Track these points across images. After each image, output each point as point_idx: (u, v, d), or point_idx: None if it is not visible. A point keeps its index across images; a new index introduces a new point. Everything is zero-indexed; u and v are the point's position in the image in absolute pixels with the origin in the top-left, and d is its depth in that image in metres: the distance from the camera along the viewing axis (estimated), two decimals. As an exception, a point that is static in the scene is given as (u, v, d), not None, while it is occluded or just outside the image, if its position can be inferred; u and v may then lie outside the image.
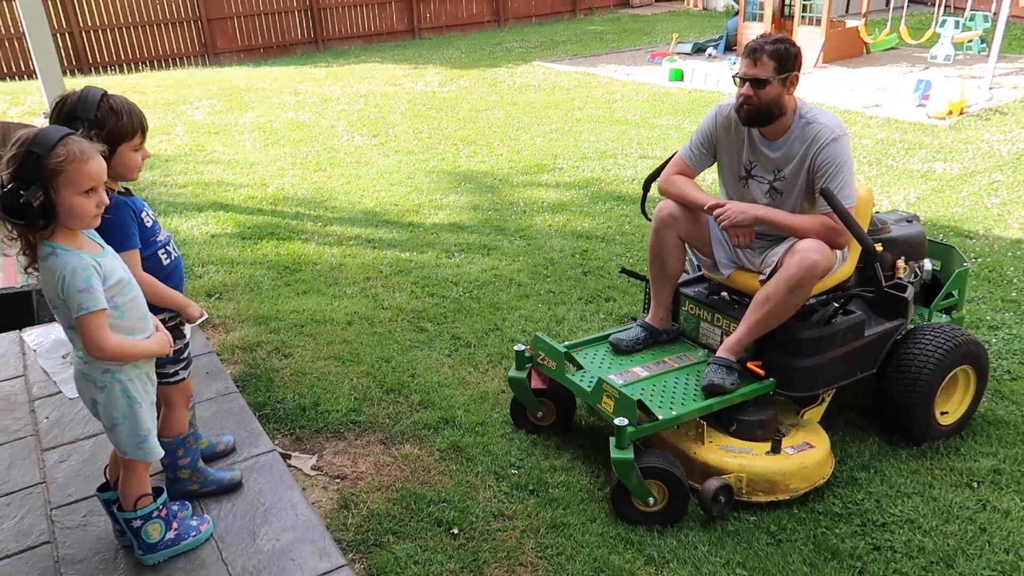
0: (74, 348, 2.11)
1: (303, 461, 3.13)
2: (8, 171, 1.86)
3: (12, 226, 1.90)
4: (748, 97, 2.94)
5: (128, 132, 2.22)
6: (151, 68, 13.44)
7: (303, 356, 3.89)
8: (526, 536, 2.72)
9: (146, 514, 2.22)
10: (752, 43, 2.96)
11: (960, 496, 2.88)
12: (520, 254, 5.17)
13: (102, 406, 2.11)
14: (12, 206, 1.84)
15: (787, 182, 3.03)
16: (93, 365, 2.07)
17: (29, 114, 8.82)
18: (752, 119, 3.00)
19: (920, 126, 8.05)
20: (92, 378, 2.08)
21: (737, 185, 3.18)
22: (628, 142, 7.84)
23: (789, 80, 2.94)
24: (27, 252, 1.97)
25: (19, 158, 1.85)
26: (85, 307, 1.94)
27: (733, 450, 2.88)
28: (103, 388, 2.08)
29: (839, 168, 2.89)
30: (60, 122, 2.15)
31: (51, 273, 1.94)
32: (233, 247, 5.34)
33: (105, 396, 2.09)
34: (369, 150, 7.84)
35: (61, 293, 1.94)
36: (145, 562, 2.26)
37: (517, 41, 14.90)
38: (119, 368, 2.09)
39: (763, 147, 3.06)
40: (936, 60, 11.10)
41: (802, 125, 2.99)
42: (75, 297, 1.93)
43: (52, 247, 1.95)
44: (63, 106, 2.18)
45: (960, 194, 6.09)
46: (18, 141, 1.88)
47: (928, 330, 3.14)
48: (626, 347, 3.29)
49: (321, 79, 11.78)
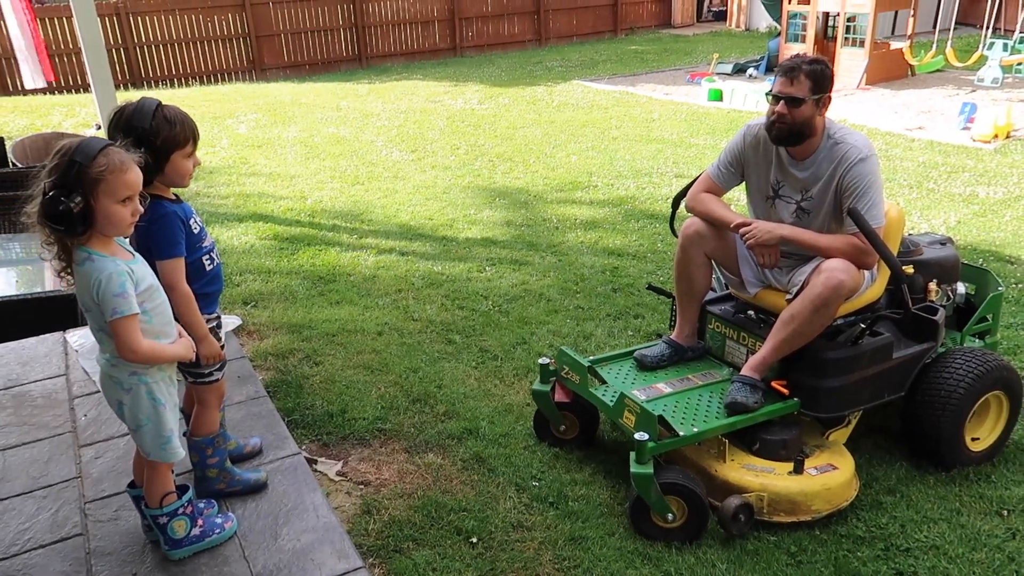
0: (101, 350, 2.17)
1: (328, 466, 3.19)
2: (51, 179, 1.94)
3: (50, 232, 1.98)
4: (781, 115, 2.94)
5: (181, 140, 2.32)
6: (200, 83, 13.85)
7: (333, 364, 3.97)
8: (544, 548, 2.74)
9: (172, 511, 2.29)
10: (788, 62, 2.97)
11: (989, 524, 2.82)
12: (551, 270, 5.20)
13: (128, 407, 2.16)
14: (53, 212, 1.92)
15: (814, 202, 3.02)
16: (120, 368, 2.12)
17: (83, 126, 9.14)
18: (783, 138, 2.99)
19: (964, 149, 7.91)
20: (119, 380, 2.14)
21: (764, 205, 3.18)
22: (664, 161, 7.84)
23: (822, 101, 2.94)
24: (61, 257, 2.03)
25: (62, 167, 1.93)
26: (119, 311, 2.01)
27: (755, 469, 2.86)
28: (129, 390, 2.14)
29: (867, 188, 2.88)
30: (118, 130, 2.26)
31: (87, 277, 2.01)
32: (271, 257, 5.46)
33: (131, 398, 2.15)
34: (407, 165, 7.97)
35: (96, 297, 2.00)
36: (171, 557, 2.33)
37: (557, 60, 15.02)
38: (145, 371, 2.15)
39: (791, 167, 3.06)
40: (983, 83, 10.91)
41: (830, 145, 2.98)
42: (110, 301, 2.00)
43: (88, 253, 2.02)
44: (120, 115, 2.28)
45: (1003, 218, 5.97)
46: (61, 151, 1.96)
47: (959, 354, 3.09)
48: (651, 363, 3.29)
49: (363, 95, 12.00)
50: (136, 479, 2.39)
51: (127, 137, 2.20)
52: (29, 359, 3.62)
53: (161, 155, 2.27)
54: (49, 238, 1.99)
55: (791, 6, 12.18)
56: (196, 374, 2.50)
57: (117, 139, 2.19)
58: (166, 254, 2.31)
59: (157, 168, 2.27)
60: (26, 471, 2.81)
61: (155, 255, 2.30)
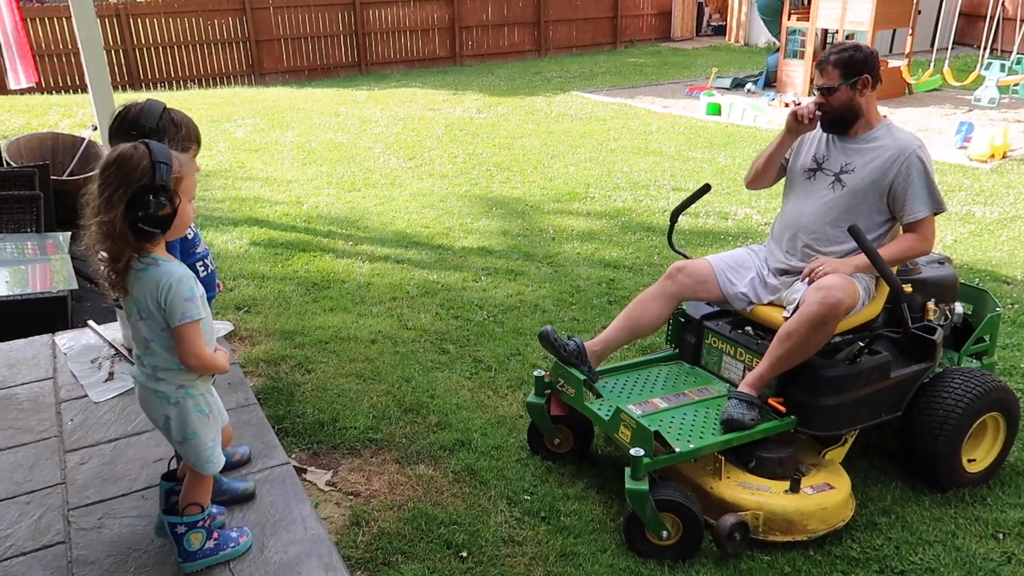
0: (143, 362, 2.10)
1: (318, 476, 3.15)
2: (141, 183, 1.89)
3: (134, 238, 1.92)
4: (820, 105, 3.08)
5: (185, 144, 2.32)
6: (199, 86, 13.83)
7: (325, 372, 3.93)
8: (535, 563, 2.70)
9: (191, 522, 2.23)
10: (821, 55, 3.13)
11: (984, 547, 2.79)
12: (547, 281, 5.17)
13: (175, 421, 2.11)
14: (150, 216, 1.90)
15: (854, 176, 3.04)
16: (168, 381, 2.07)
17: (79, 126, 9.10)
18: (829, 125, 3.12)
19: (961, 168, 7.93)
20: (165, 394, 2.08)
21: (803, 182, 3.20)
22: (661, 174, 7.84)
23: (859, 83, 3.03)
24: (118, 269, 1.96)
25: (147, 170, 1.90)
26: (189, 315, 1.97)
27: (751, 487, 2.83)
28: (176, 404, 2.09)
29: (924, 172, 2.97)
30: (123, 129, 2.24)
31: (153, 282, 1.96)
32: (265, 262, 5.43)
33: (178, 411, 2.10)
34: (404, 172, 7.95)
35: (163, 302, 1.96)
36: (184, 569, 2.27)
37: (557, 71, 15.05)
38: (192, 383, 2.10)
39: (841, 142, 3.14)
40: (980, 103, 10.96)
41: (887, 130, 3.09)
42: (180, 306, 1.96)
43: (154, 258, 1.99)
44: (127, 115, 2.27)
45: (999, 238, 5.97)
46: (134, 155, 1.90)
47: (957, 374, 3.07)
48: (556, 340, 3.13)
49: (362, 102, 11.99)
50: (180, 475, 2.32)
51: (132, 136, 2.16)
52: (16, 361, 3.56)
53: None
54: (116, 247, 1.92)
55: (790, 22, 12.24)
56: None
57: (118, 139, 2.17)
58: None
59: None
60: (9, 476, 2.75)
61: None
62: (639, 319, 3.26)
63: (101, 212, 1.91)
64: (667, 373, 3.37)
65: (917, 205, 2.96)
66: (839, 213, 3.05)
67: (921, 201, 2.96)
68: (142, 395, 2.13)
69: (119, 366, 3.49)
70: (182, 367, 2.06)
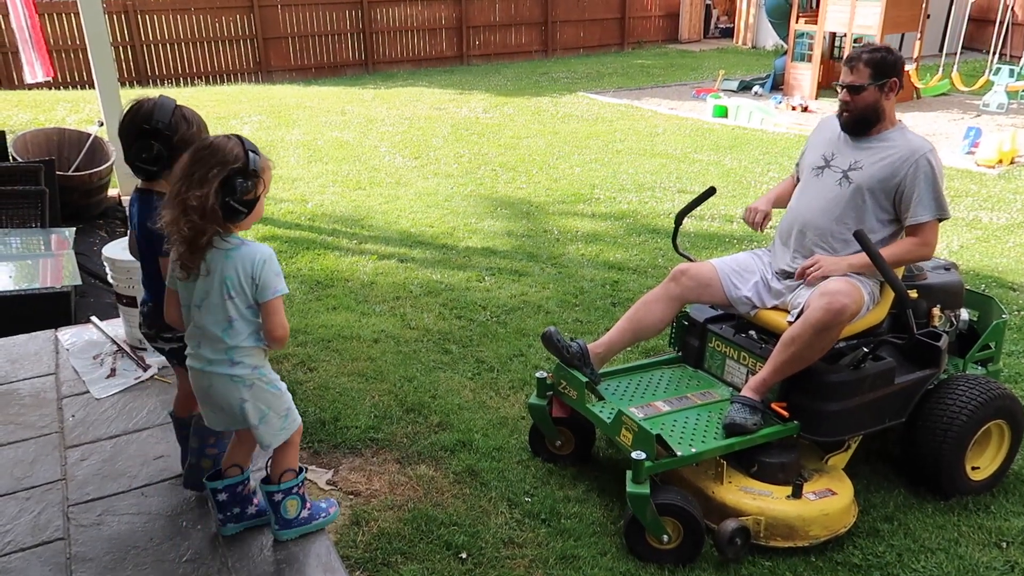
0: (217, 346, 2.16)
1: (318, 475, 3.14)
2: (235, 165, 2.04)
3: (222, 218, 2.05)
4: (845, 103, 3.07)
5: (196, 141, 2.32)
6: (206, 82, 13.84)
7: (327, 371, 3.92)
8: (535, 566, 2.69)
9: (288, 488, 2.29)
10: (852, 52, 3.12)
11: (987, 556, 2.77)
12: (550, 282, 5.16)
13: (250, 404, 2.20)
14: (240, 198, 2.05)
15: (862, 173, 3.03)
16: (244, 364, 2.17)
17: (86, 122, 9.11)
18: (851, 125, 3.12)
19: (968, 174, 7.89)
20: (241, 378, 2.17)
21: (811, 180, 3.19)
22: (667, 176, 7.82)
23: (887, 86, 3.03)
24: (199, 245, 2.06)
25: (241, 158, 2.05)
26: (280, 289, 2.10)
27: (752, 492, 2.81)
28: (251, 386, 2.18)
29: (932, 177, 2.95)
30: (135, 125, 2.28)
31: (247, 259, 2.09)
32: (269, 260, 5.42)
33: (253, 393, 2.19)
34: (409, 171, 7.94)
35: (256, 278, 2.09)
36: (280, 537, 2.33)
37: (564, 71, 15.03)
38: (264, 364, 2.21)
39: (852, 141, 3.13)
40: (988, 108, 10.91)
41: (900, 132, 3.08)
42: (272, 280, 2.10)
43: (240, 239, 2.13)
44: (139, 110, 2.30)
45: (1006, 244, 5.94)
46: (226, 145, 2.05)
47: (961, 381, 3.05)
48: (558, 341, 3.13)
49: (368, 100, 12.00)
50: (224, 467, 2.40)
51: (144, 132, 2.24)
52: (19, 356, 3.57)
53: (175, 153, 2.28)
54: (202, 223, 2.03)
55: (798, 25, 12.20)
56: None
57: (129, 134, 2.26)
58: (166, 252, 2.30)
59: (167, 165, 2.29)
60: (10, 471, 2.76)
61: (158, 250, 2.32)
62: (642, 321, 3.25)
63: (193, 187, 2.02)
64: (670, 376, 3.36)
65: (921, 208, 2.94)
66: (845, 210, 3.03)
67: (925, 205, 2.94)
68: (212, 383, 2.19)
69: (121, 362, 3.50)
70: (259, 345, 2.17)
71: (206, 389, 2.22)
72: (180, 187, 2.05)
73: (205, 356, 2.17)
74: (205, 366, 2.18)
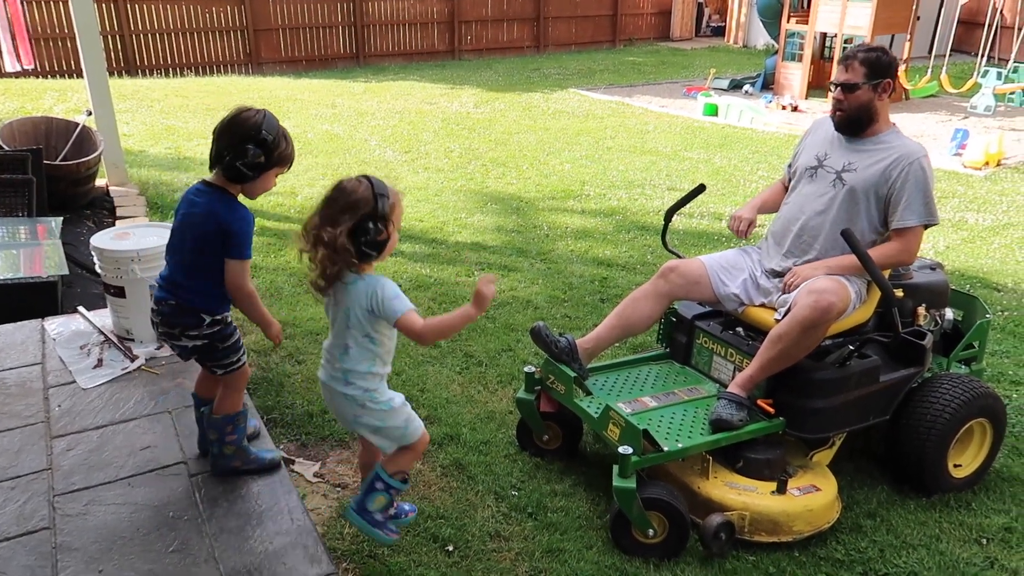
0: (334, 366, 2.30)
1: (306, 467, 3.14)
2: (365, 211, 2.16)
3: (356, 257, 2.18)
4: (839, 101, 3.07)
5: (287, 160, 2.47)
6: (196, 73, 13.75)
7: (316, 364, 3.90)
8: (521, 559, 2.70)
9: (389, 484, 2.37)
10: (847, 51, 3.12)
11: (968, 552, 2.81)
12: (540, 277, 5.17)
13: (363, 418, 2.32)
14: (372, 241, 2.17)
15: (855, 176, 3.04)
16: (356, 385, 2.28)
17: (74, 111, 9.04)
18: (844, 124, 3.12)
19: (955, 175, 7.96)
20: (353, 397, 2.30)
21: (806, 181, 3.21)
22: (657, 173, 7.84)
23: (881, 86, 3.03)
24: (329, 275, 2.22)
25: (371, 202, 2.17)
26: (400, 309, 2.21)
27: (738, 487, 2.84)
28: (362, 405, 2.30)
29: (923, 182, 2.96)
30: (244, 130, 2.35)
31: (362, 293, 2.22)
32: (257, 253, 5.40)
33: (365, 410, 2.31)
34: (399, 165, 7.93)
35: (377, 306, 2.21)
36: (348, 517, 2.43)
37: (555, 67, 15.03)
38: (376, 388, 2.31)
39: (846, 142, 3.14)
40: (976, 110, 11.00)
41: (894, 135, 3.09)
42: (391, 303, 2.20)
43: (359, 275, 2.25)
44: (250, 117, 2.37)
45: (991, 246, 6.00)
46: (357, 190, 2.18)
47: (945, 380, 3.08)
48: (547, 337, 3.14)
49: (359, 94, 11.96)
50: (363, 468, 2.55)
51: (250, 139, 2.33)
52: (5, 346, 3.54)
53: (267, 166, 2.40)
54: (333, 257, 2.18)
55: (789, 25, 12.25)
56: (225, 365, 2.58)
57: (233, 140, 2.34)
58: (242, 254, 2.45)
59: (256, 176, 2.41)
60: (-5, 460, 2.74)
61: (232, 252, 2.43)
62: (631, 318, 3.26)
63: (325, 225, 2.18)
64: (657, 372, 3.38)
65: (908, 213, 2.96)
66: (838, 211, 3.05)
67: (913, 209, 2.96)
68: (331, 397, 2.36)
69: (108, 353, 3.48)
70: (372, 371, 2.29)
71: (329, 399, 2.40)
72: (315, 220, 2.21)
73: (328, 371, 2.35)
74: (327, 379, 2.35)
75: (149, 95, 11.21)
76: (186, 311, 2.49)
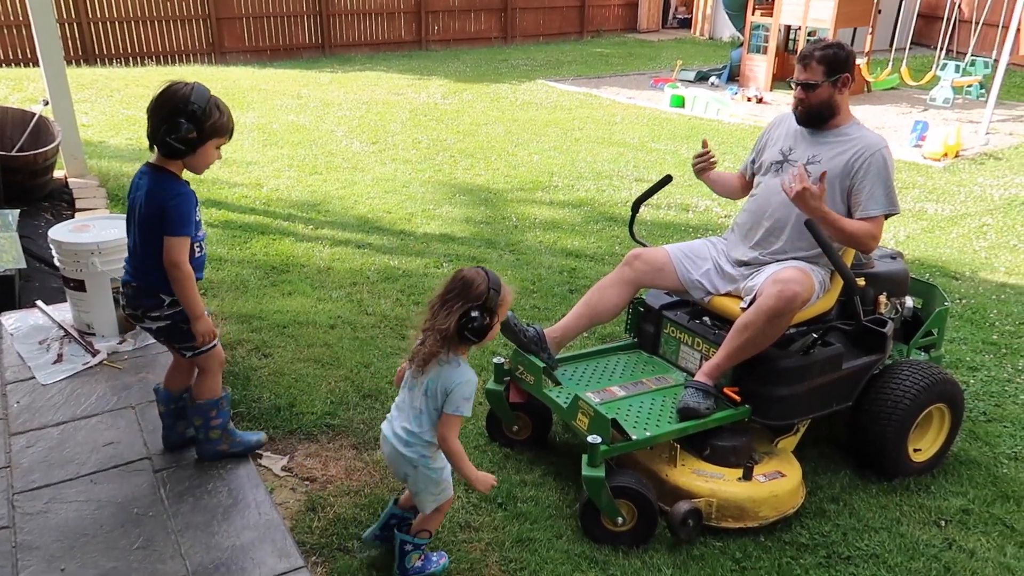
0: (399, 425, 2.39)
1: (274, 461, 3.11)
2: (476, 301, 2.28)
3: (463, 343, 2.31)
4: (800, 100, 3.12)
5: (224, 130, 2.47)
6: (157, 63, 13.48)
7: (283, 357, 3.88)
8: (491, 549, 2.71)
9: (418, 544, 2.49)
10: (804, 50, 3.15)
11: (927, 534, 2.88)
12: (508, 268, 5.17)
13: (411, 477, 2.42)
14: (478, 328, 2.28)
15: (820, 167, 3.07)
16: (415, 448, 2.37)
17: (30, 101, 8.82)
18: (806, 120, 3.17)
19: (915, 166, 8.11)
20: (409, 458, 2.38)
21: (771, 175, 3.24)
22: (625, 164, 7.88)
23: (840, 81, 3.08)
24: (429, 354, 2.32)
25: (483, 295, 2.29)
26: (462, 411, 2.32)
27: (705, 474, 2.87)
28: (415, 467, 2.39)
29: (886, 175, 3.01)
30: (171, 104, 2.36)
31: (448, 377, 2.32)
32: (223, 245, 5.33)
33: (416, 472, 2.40)
34: (367, 157, 7.86)
35: (449, 392, 2.31)
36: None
37: (523, 58, 15.00)
38: (432, 455, 2.40)
39: (810, 136, 3.19)
40: (935, 102, 11.21)
41: (856, 128, 3.15)
42: (460, 402, 2.32)
43: (458, 359, 2.36)
44: (176, 91, 2.37)
45: (949, 235, 6.13)
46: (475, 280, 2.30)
47: (906, 367, 3.15)
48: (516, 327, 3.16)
49: (325, 84, 11.83)
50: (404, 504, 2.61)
51: (178, 111, 2.32)
52: (-39, 341, 3.46)
53: (202, 139, 2.40)
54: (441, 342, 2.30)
55: (755, 18, 12.36)
56: (192, 347, 2.57)
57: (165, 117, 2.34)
58: (178, 231, 2.41)
59: (191, 150, 2.41)
60: (-48, 459, 2.68)
61: (167, 230, 2.40)
62: (597, 306, 3.28)
63: (441, 313, 2.30)
64: (625, 362, 3.40)
65: (872, 203, 3.01)
66: None
67: (876, 199, 3.01)
68: (390, 451, 2.44)
69: (68, 348, 3.41)
70: (432, 442, 2.38)
71: (388, 451, 2.46)
72: (436, 303, 2.34)
73: (392, 425, 2.43)
74: (390, 435, 2.42)
75: (108, 84, 10.97)
76: (145, 292, 2.50)
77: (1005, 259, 5.67)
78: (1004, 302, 4.93)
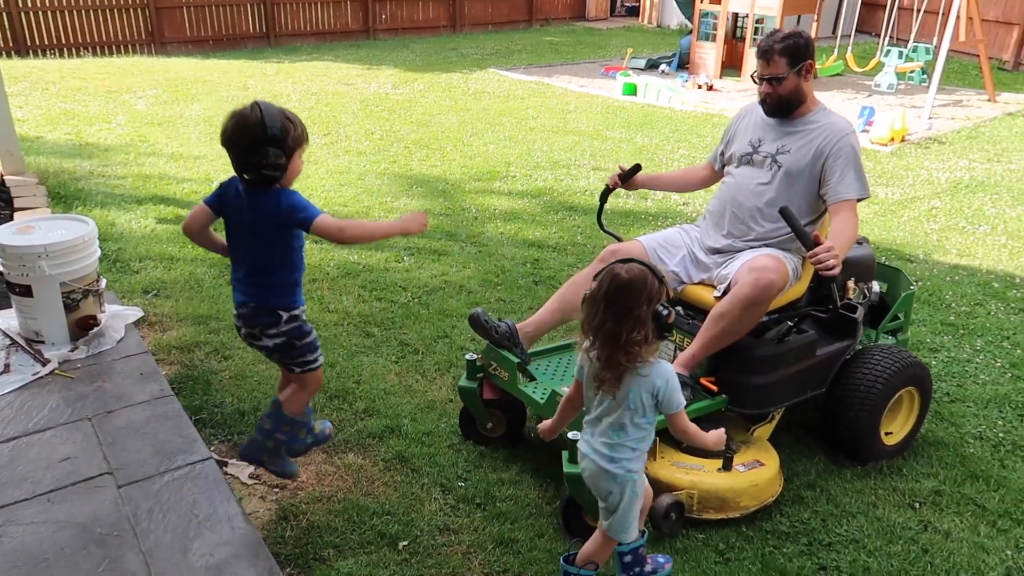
0: (602, 442, 2.27)
1: (240, 469, 2.99)
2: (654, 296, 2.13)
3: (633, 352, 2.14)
4: (768, 94, 3.11)
5: (303, 139, 2.40)
6: (94, 53, 12.97)
7: (243, 358, 3.75)
8: (472, 552, 2.65)
9: (635, 548, 2.39)
10: (763, 44, 3.11)
11: (903, 516, 2.91)
12: (471, 261, 5.10)
13: (615, 496, 2.30)
14: (665, 324, 2.15)
15: (789, 157, 3.09)
16: (620, 464, 2.26)
17: (-42, 95, 8.38)
18: (775, 111, 3.17)
19: (863, 151, 8.18)
20: (614, 475, 2.27)
21: (740, 168, 3.23)
22: (581, 153, 7.85)
23: (804, 68, 3.08)
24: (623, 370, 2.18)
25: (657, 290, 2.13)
26: (680, 403, 2.23)
27: (685, 466, 2.85)
28: (621, 484, 2.28)
29: (854, 158, 3.03)
30: (250, 134, 2.29)
31: (648, 381, 2.19)
32: (173, 243, 5.13)
33: (620, 490, 2.29)
34: (319, 149, 7.68)
35: (660, 394, 2.20)
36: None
37: (472, 47, 14.86)
38: (638, 471, 2.30)
39: (778, 126, 3.19)
40: (880, 88, 11.44)
41: (822, 114, 3.16)
42: (675, 396, 2.22)
43: (651, 361, 2.20)
44: (248, 119, 2.29)
45: (901, 219, 6.25)
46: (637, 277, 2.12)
47: (876, 351, 3.18)
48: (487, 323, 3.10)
49: (272, 75, 11.53)
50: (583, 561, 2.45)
51: (259, 140, 2.27)
52: None
53: (289, 158, 2.34)
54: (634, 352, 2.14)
55: (703, 5, 12.44)
56: (302, 364, 2.56)
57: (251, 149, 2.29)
58: (314, 210, 2.39)
59: (284, 172, 2.36)
60: None
61: (308, 215, 2.37)
62: (571, 301, 3.23)
63: (621, 323, 2.12)
64: (599, 354, 3.36)
65: (845, 187, 3.02)
66: (775, 193, 3.09)
67: (849, 183, 3.02)
68: (593, 470, 2.32)
69: (16, 357, 3.23)
70: (639, 454, 2.28)
71: (586, 472, 2.36)
72: (604, 320, 2.14)
73: (593, 444, 2.31)
74: (589, 452, 2.31)
75: (43, 77, 10.51)
76: (264, 310, 2.47)
77: (956, 241, 5.80)
78: (958, 283, 5.04)
